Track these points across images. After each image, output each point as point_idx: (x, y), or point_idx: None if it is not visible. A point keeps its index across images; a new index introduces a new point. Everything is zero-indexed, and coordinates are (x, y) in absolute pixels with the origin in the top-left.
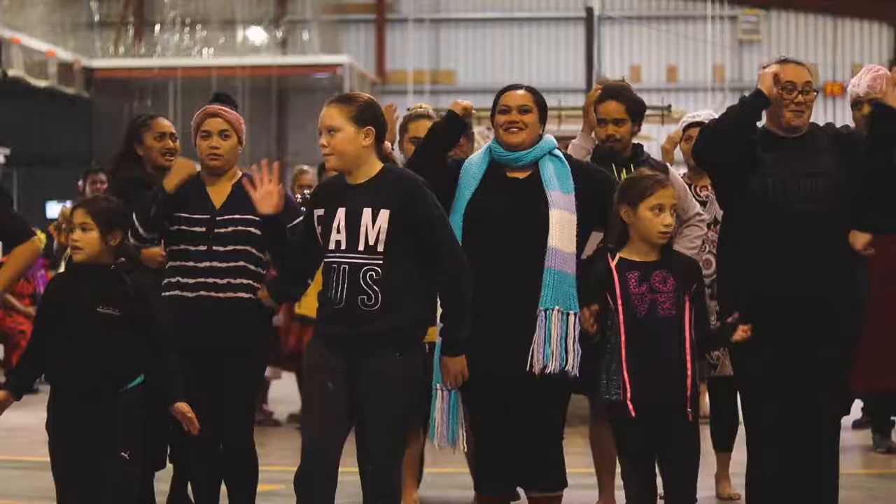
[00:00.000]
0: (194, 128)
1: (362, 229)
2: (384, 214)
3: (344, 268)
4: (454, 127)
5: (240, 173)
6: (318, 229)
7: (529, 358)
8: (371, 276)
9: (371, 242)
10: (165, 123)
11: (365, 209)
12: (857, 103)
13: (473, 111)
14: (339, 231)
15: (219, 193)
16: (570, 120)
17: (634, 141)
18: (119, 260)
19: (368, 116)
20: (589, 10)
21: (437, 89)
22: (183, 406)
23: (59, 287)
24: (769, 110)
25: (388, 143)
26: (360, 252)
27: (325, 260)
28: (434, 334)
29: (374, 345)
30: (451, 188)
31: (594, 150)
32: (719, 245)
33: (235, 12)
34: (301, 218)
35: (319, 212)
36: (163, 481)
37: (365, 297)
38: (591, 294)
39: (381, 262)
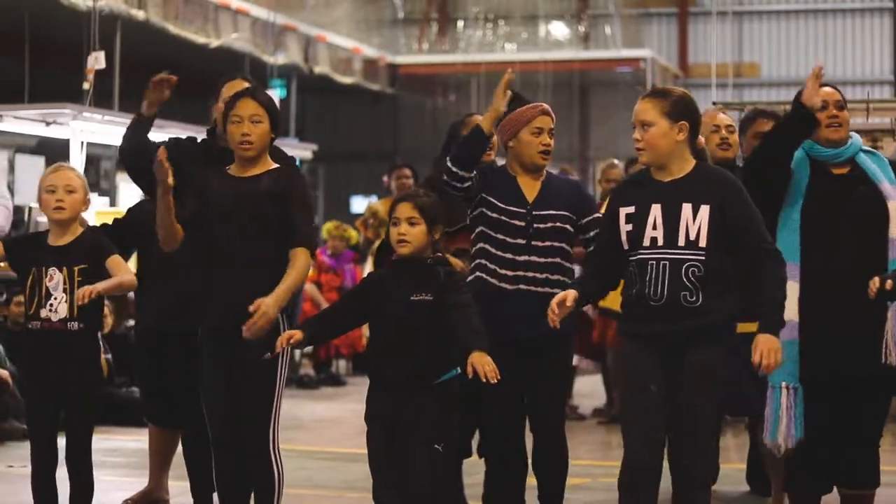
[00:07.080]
0: (522, 122)
1: (682, 225)
2: (704, 210)
3: (664, 264)
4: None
5: (545, 172)
6: (627, 227)
7: (884, 350)
8: (693, 271)
9: (692, 238)
10: None
11: (684, 205)
12: None
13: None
14: (654, 227)
15: (530, 188)
16: (877, 113)
17: None
18: (436, 254)
19: (682, 111)
20: None
21: (741, 82)
22: (477, 357)
23: (378, 278)
24: None
25: (701, 138)
26: (681, 248)
27: (637, 256)
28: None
29: (696, 341)
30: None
31: None
32: None
33: (538, 7)
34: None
35: (629, 209)
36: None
37: (687, 293)
38: None
39: (702, 257)
